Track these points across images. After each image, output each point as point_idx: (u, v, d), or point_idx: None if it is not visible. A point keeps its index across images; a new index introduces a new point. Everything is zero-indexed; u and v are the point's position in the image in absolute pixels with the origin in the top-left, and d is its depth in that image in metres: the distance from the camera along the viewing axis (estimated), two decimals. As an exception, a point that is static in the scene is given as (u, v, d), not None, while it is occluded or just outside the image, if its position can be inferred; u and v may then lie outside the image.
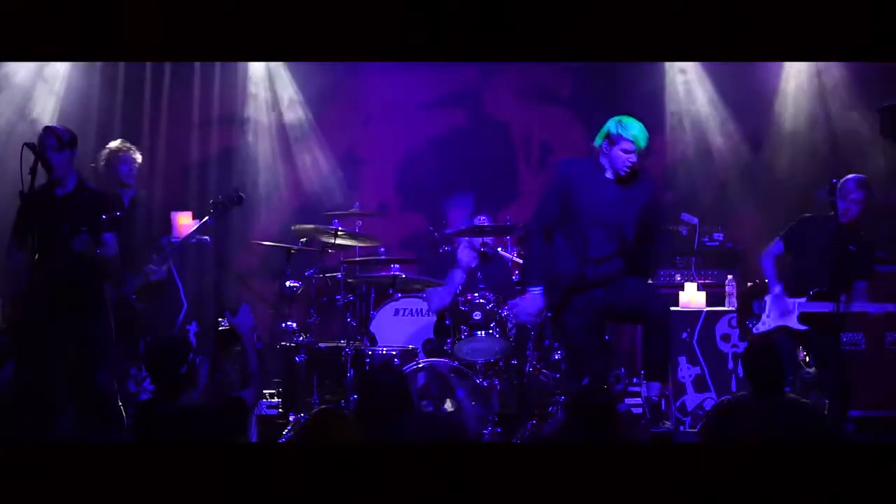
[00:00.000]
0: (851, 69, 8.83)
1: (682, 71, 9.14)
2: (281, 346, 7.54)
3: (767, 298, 6.81)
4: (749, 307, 6.88)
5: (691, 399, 7.67)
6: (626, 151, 5.87)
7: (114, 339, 6.53)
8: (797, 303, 6.72)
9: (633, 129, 5.86)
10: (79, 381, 6.47)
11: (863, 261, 6.68)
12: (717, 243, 8.51)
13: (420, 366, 7.04)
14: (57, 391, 7.10)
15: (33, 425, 6.36)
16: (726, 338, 7.67)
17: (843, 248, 6.41)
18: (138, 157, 7.53)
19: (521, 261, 7.79)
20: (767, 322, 6.77)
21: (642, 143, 5.88)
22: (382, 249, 8.28)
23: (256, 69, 9.17)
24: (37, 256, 6.29)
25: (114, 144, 7.51)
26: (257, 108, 9.26)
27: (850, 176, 6.74)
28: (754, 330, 6.80)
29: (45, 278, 6.26)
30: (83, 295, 6.37)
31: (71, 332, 6.36)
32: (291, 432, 6.71)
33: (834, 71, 8.95)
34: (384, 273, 7.99)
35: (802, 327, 6.70)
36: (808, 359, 7.14)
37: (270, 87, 9.25)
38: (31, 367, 6.37)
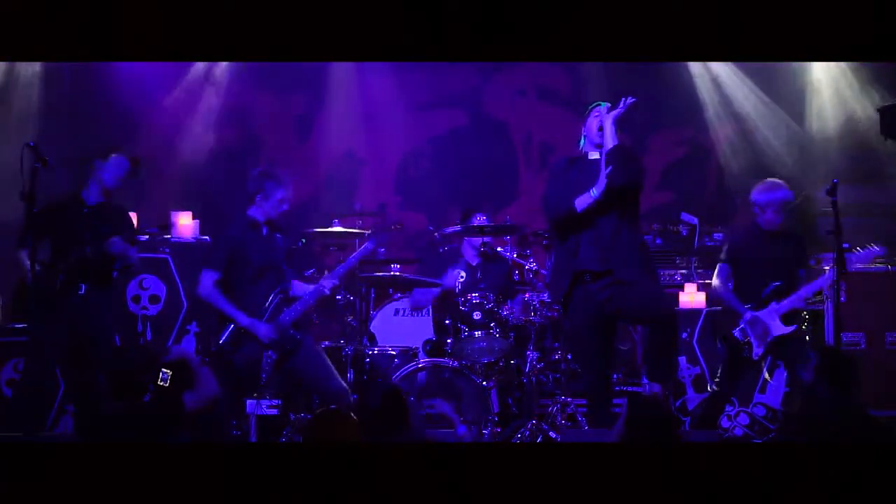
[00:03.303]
0: (851, 69, 8.84)
1: None
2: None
3: (744, 321, 6.71)
4: (736, 347, 6.79)
5: (691, 399, 7.67)
6: (595, 117, 6.15)
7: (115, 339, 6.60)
8: (772, 310, 6.69)
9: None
10: (80, 382, 6.53)
11: (797, 251, 6.84)
12: (717, 243, 8.50)
13: (420, 366, 7.04)
14: (59, 391, 7.14)
15: (35, 423, 6.40)
16: (726, 338, 7.66)
17: (775, 245, 6.72)
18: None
19: (521, 261, 7.79)
20: (760, 342, 6.70)
21: (602, 103, 6.18)
22: (382, 249, 8.28)
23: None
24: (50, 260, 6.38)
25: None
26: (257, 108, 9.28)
27: (781, 193, 6.76)
28: (754, 356, 6.72)
29: (57, 281, 6.35)
30: (93, 297, 6.47)
31: (76, 333, 6.44)
32: (291, 432, 6.70)
33: (834, 70, 8.96)
34: (384, 273, 7.98)
35: (790, 328, 6.70)
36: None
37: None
38: (37, 366, 6.41)
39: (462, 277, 7.49)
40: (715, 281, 6.88)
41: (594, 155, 6.12)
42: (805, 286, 6.76)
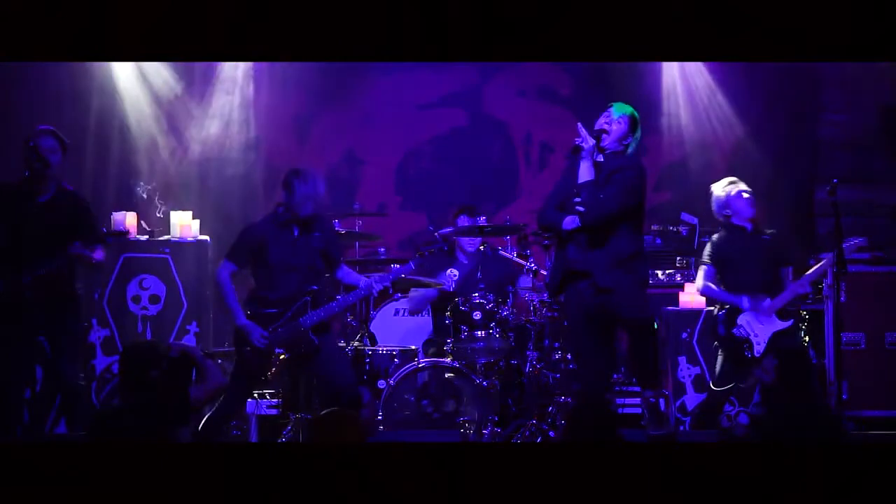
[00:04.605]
0: (851, 68, 8.83)
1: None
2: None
3: (742, 320, 6.76)
4: (736, 347, 6.80)
5: (691, 399, 7.67)
6: (605, 117, 6.20)
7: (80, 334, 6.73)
8: (768, 304, 6.70)
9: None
10: (51, 376, 6.65)
11: (780, 249, 6.89)
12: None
13: (420, 366, 7.04)
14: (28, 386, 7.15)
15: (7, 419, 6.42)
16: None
17: (759, 244, 6.82)
18: None
19: (521, 261, 7.79)
20: (760, 340, 6.70)
21: (615, 108, 6.19)
22: (382, 249, 8.28)
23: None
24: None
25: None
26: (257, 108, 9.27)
27: (743, 194, 6.88)
28: (756, 353, 6.70)
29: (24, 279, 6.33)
30: (60, 294, 6.47)
31: (44, 329, 6.49)
32: (291, 432, 6.71)
33: (833, 70, 8.96)
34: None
35: (788, 323, 6.70)
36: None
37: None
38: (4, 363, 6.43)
39: (455, 276, 7.47)
40: (702, 282, 6.93)
41: (598, 157, 6.14)
42: (798, 281, 6.76)
